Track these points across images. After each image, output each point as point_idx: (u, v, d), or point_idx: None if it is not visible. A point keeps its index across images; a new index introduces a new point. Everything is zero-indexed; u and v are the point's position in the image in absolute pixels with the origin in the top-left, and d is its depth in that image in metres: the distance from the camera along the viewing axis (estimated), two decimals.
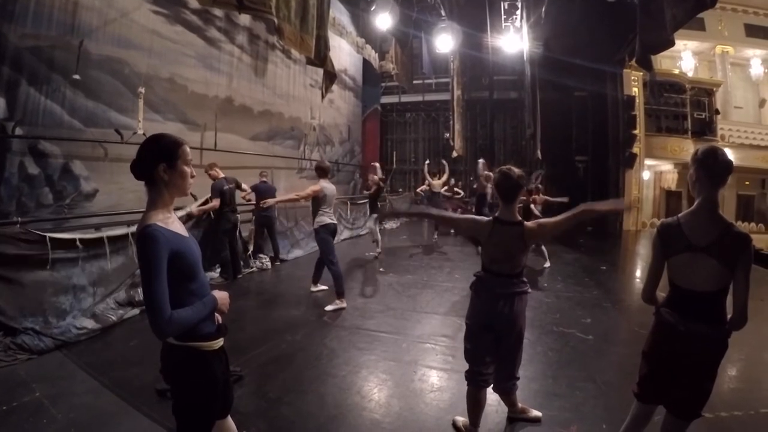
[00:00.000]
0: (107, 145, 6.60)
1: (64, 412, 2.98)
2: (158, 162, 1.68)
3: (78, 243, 4.58)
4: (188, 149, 1.78)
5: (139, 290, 5.17)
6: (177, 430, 1.79)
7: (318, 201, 5.58)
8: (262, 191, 7.74)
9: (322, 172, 5.69)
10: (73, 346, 4.09)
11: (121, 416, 2.97)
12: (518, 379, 2.84)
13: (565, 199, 8.61)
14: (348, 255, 9.08)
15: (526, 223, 2.62)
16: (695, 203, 2.00)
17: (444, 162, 11.67)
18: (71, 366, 3.72)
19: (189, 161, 1.77)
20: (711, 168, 1.94)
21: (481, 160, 10.92)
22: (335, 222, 5.83)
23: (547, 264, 8.16)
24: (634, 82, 15.78)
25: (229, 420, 2.01)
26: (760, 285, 6.96)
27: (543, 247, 8.20)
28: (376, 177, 8.82)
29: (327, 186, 5.64)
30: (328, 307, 5.46)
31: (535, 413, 2.99)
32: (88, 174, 6.43)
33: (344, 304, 5.52)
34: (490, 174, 7.10)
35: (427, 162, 11.86)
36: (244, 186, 7.39)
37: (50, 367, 3.68)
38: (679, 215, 2.04)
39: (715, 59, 20.34)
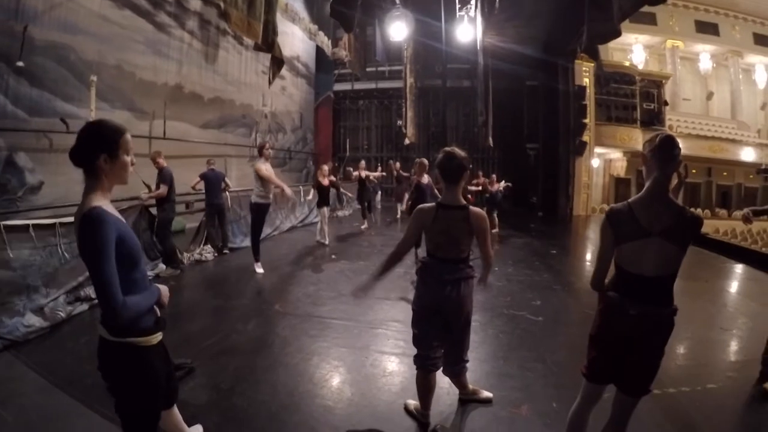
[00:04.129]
0: (53, 135, 6.37)
1: (14, 414, 2.90)
2: (99, 152, 1.63)
3: (31, 230, 4.45)
4: (129, 137, 1.73)
5: (87, 287, 5.07)
6: (123, 427, 1.77)
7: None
8: (211, 179, 7.67)
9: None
10: (22, 346, 3.93)
11: (74, 415, 2.91)
12: (467, 362, 2.87)
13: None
14: (299, 242, 9.10)
15: (471, 207, 2.60)
16: (645, 187, 2.01)
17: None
18: (20, 366, 3.59)
19: (130, 150, 1.73)
20: (657, 148, 1.97)
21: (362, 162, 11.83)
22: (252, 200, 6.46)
23: (495, 230, 9.10)
24: (585, 73, 16.25)
25: (175, 409, 2.03)
26: (704, 267, 7.38)
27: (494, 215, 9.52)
28: (326, 174, 8.96)
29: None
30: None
31: (486, 394, 3.07)
32: (33, 166, 6.19)
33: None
34: (424, 161, 6.98)
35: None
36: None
37: None
38: (630, 201, 2.02)
39: (666, 53, 21.25)
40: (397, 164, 13.96)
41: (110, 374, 1.73)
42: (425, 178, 6.88)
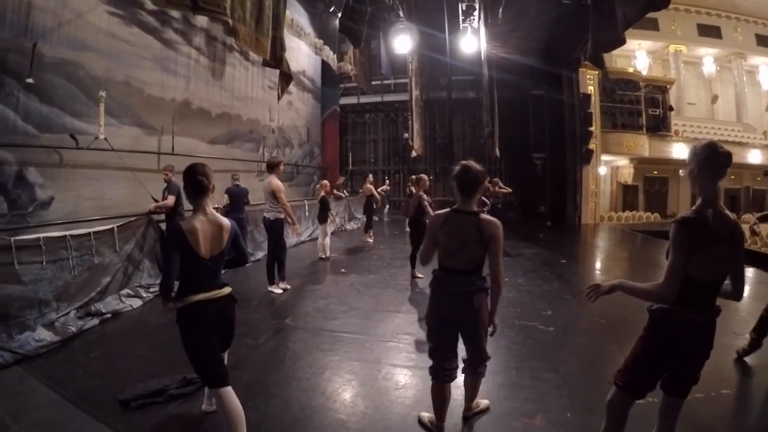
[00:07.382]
0: (63, 151, 6.43)
1: (26, 428, 2.90)
2: None
3: (41, 243, 4.48)
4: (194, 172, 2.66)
5: (98, 302, 5.12)
6: None
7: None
8: (235, 194, 7.75)
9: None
10: (33, 360, 3.96)
11: (85, 429, 2.91)
12: (489, 359, 2.81)
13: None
14: (308, 256, 9.10)
15: (482, 215, 2.59)
16: (703, 196, 2.07)
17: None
18: (32, 380, 3.60)
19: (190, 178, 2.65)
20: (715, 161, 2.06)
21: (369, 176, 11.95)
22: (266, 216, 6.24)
23: None
24: (589, 81, 16.24)
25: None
26: None
27: None
28: (328, 190, 9.17)
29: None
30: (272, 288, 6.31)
31: (485, 402, 3.06)
32: (43, 181, 6.23)
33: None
34: (423, 177, 7.04)
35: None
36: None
37: (10, 383, 3.56)
38: (697, 210, 2.04)
39: (669, 58, 21.27)
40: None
41: None
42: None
